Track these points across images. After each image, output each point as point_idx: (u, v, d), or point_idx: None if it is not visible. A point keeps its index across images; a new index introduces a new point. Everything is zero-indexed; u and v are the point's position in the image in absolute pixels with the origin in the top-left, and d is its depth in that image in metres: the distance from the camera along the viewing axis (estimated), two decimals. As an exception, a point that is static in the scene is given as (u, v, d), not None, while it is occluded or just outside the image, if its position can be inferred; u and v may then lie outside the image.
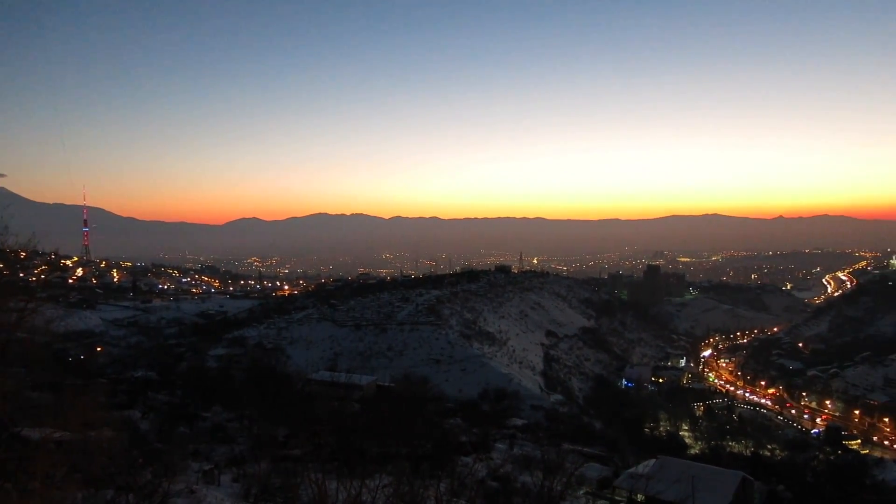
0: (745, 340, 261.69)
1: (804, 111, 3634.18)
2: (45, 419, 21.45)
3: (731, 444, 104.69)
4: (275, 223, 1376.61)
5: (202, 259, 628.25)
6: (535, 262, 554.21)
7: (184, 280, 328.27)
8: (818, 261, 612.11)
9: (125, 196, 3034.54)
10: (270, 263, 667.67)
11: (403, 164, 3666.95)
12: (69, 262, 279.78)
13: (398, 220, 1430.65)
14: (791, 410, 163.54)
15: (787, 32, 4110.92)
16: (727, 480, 42.80)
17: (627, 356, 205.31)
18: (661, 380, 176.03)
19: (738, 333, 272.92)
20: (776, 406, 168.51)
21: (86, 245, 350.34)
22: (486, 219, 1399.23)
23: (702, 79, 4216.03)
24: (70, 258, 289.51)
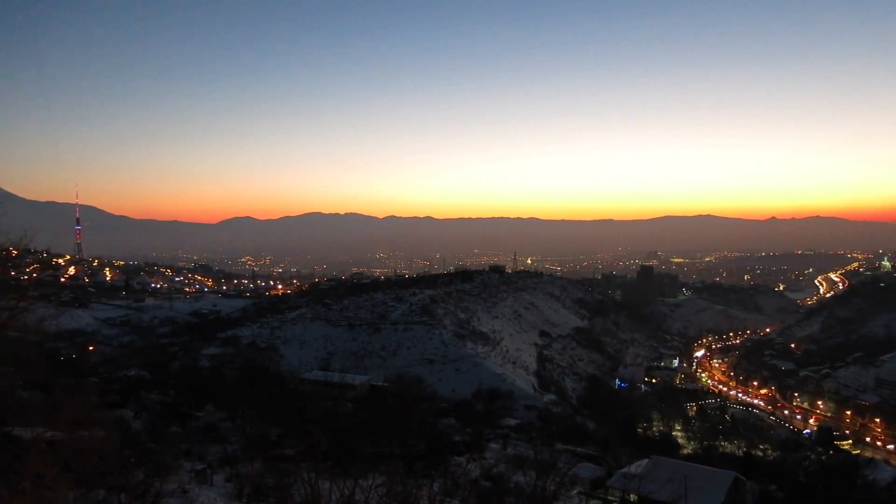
0: (738, 341, 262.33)
1: (797, 113, 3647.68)
2: (37, 418, 21.39)
3: (724, 445, 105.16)
4: (268, 222, 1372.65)
5: (195, 258, 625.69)
6: (529, 262, 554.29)
7: (177, 279, 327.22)
8: (810, 262, 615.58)
9: (118, 194, 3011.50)
10: (264, 262, 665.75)
11: (398, 164, 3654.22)
12: (61, 261, 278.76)
13: (392, 220, 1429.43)
14: (783, 411, 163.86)
15: (780, 35, 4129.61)
16: (719, 480, 42.95)
17: (621, 356, 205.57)
18: (655, 380, 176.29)
19: (731, 334, 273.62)
20: (768, 406, 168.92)
21: (78, 243, 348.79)
22: (481, 219, 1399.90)
23: (696, 81, 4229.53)
24: (62, 256, 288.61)
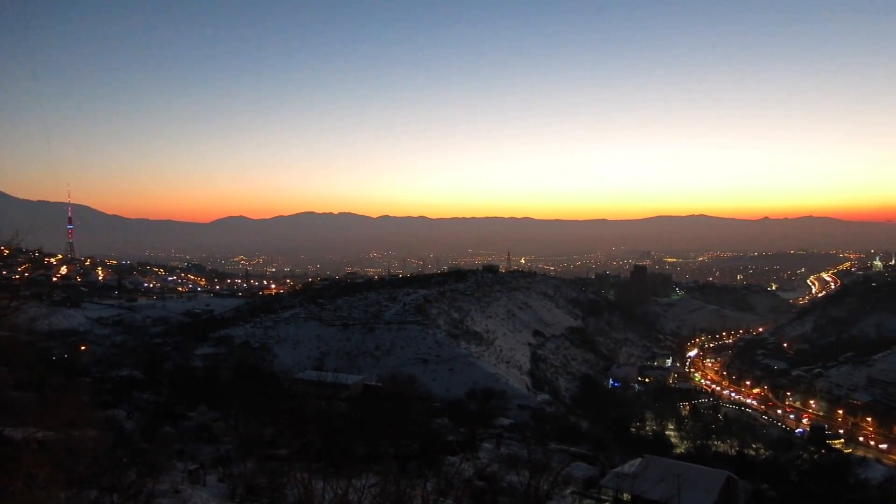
0: (731, 340, 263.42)
1: (790, 114, 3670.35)
2: (28, 419, 21.23)
3: (717, 444, 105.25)
4: (262, 221, 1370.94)
5: (188, 257, 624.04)
6: (523, 262, 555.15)
7: (170, 278, 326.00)
8: (803, 262, 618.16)
9: (110, 193, 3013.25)
10: (257, 262, 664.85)
11: (391, 164, 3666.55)
12: (53, 260, 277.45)
13: (386, 220, 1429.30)
14: (776, 410, 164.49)
15: (774, 37, 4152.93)
16: (712, 479, 43.04)
17: (614, 356, 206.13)
18: (648, 379, 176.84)
19: (724, 333, 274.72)
20: (761, 406, 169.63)
21: (70, 242, 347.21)
22: (474, 218, 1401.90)
23: (690, 82, 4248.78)
24: (54, 256, 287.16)
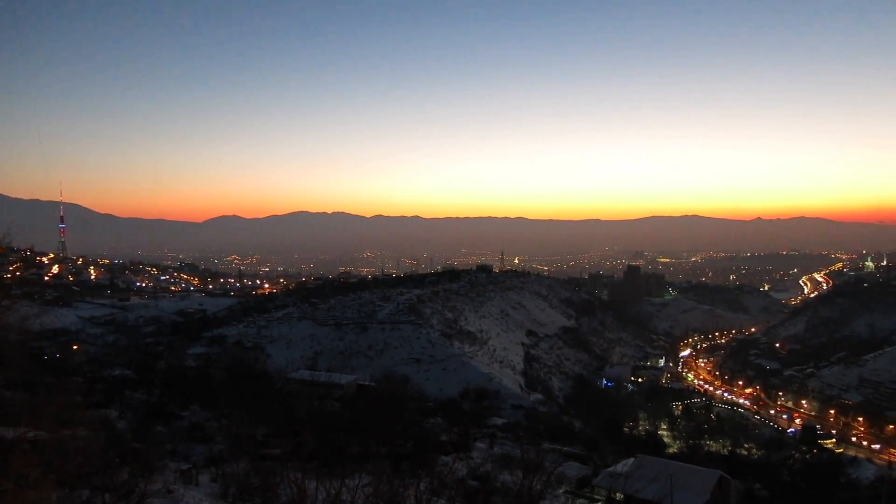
0: (724, 340, 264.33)
1: (783, 115, 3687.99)
2: (20, 418, 21.14)
3: (709, 444, 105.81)
4: (255, 221, 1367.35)
5: (181, 256, 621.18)
6: (517, 262, 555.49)
7: (162, 278, 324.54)
8: (795, 262, 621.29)
9: (103, 192, 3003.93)
10: (250, 261, 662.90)
11: (385, 163, 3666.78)
12: (45, 259, 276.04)
13: (380, 219, 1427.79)
14: (768, 410, 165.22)
15: (766, 37, 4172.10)
16: (705, 479, 43.15)
17: (607, 356, 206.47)
18: (641, 379, 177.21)
19: (717, 334, 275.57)
20: (753, 405, 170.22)
21: (62, 241, 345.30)
22: (468, 218, 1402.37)
23: (683, 83, 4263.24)
24: (46, 255, 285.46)
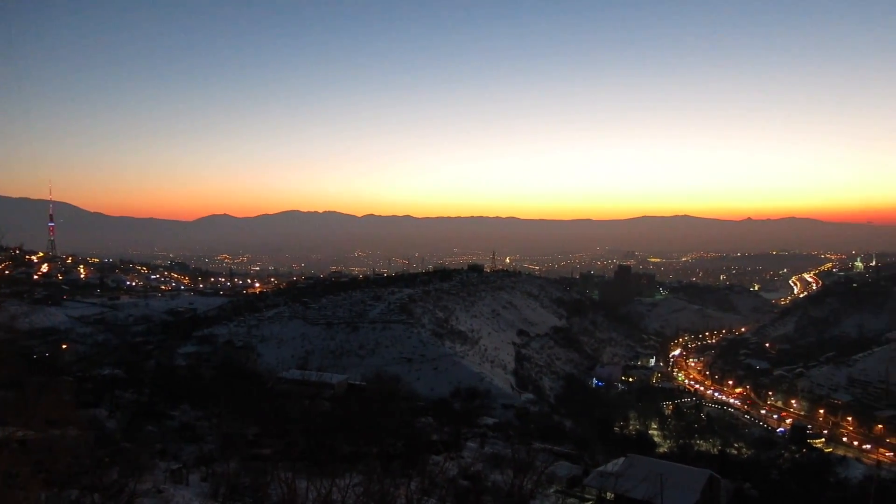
0: (714, 340, 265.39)
1: (773, 116, 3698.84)
2: (8, 417, 21.03)
3: (699, 443, 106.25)
4: (246, 220, 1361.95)
5: (172, 255, 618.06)
6: (508, 262, 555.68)
7: (153, 277, 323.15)
8: (785, 262, 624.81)
9: (93, 191, 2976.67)
10: (241, 261, 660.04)
11: (377, 163, 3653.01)
12: (34, 258, 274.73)
13: (371, 218, 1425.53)
14: (758, 409, 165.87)
15: (758, 37, 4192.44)
16: (695, 478, 43.37)
17: (598, 355, 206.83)
18: (631, 379, 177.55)
19: (707, 333, 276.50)
20: (743, 405, 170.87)
21: (52, 240, 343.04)
22: (460, 218, 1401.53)
23: (674, 83, 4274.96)
24: (35, 253, 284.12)
